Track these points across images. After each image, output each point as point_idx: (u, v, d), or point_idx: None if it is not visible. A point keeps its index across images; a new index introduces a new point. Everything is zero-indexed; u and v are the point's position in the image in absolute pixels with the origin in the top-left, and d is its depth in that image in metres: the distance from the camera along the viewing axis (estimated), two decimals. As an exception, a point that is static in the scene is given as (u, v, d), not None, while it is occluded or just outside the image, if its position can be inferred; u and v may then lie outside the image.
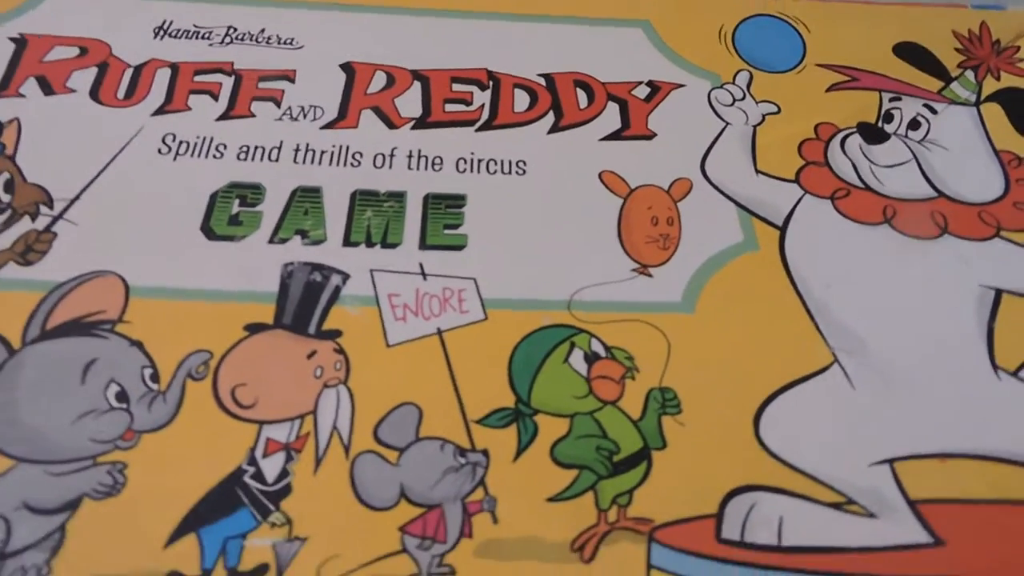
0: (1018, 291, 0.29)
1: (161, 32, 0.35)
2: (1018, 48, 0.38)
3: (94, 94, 0.32)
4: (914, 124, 0.35)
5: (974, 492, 0.24)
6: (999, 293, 0.29)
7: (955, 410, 0.26)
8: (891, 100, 0.36)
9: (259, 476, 0.23)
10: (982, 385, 0.26)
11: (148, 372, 0.25)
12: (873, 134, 0.34)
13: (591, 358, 0.26)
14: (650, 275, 0.29)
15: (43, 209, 0.29)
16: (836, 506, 0.23)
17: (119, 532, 0.22)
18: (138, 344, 0.26)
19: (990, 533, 0.23)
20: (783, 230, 0.31)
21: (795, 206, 0.32)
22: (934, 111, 0.35)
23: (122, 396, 0.24)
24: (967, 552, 0.22)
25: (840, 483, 0.24)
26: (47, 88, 0.32)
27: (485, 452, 0.24)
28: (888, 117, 0.35)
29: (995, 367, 0.27)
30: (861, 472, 0.24)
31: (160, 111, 0.32)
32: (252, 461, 0.23)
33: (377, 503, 0.23)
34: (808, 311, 0.28)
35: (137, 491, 0.23)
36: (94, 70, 0.33)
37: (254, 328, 0.26)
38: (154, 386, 0.25)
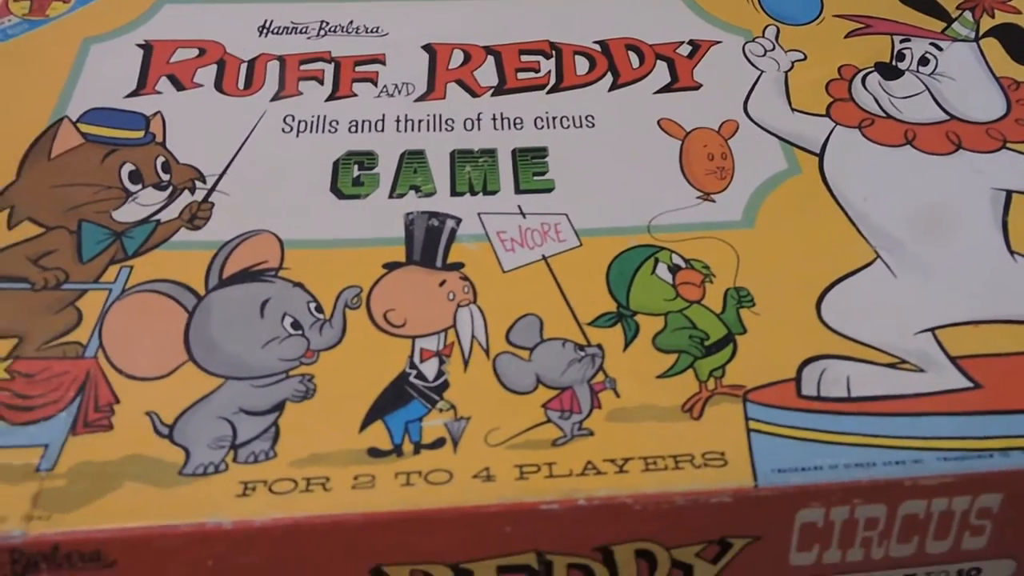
0: (1025, 190, 0.34)
1: (264, 30, 0.40)
2: (1009, -12, 0.43)
3: (218, 86, 0.38)
4: (923, 61, 0.40)
5: (1003, 347, 0.29)
6: (1009, 194, 0.34)
7: (981, 287, 0.31)
8: (902, 42, 0.41)
9: (421, 376, 0.28)
10: (1002, 266, 0.32)
11: (313, 305, 0.30)
12: (889, 71, 0.39)
13: (674, 269, 0.32)
14: (713, 201, 0.34)
15: (198, 184, 0.34)
16: (891, 366, 0.28)
17: (321, 424, 0.27)
18: (300, 284, 0.31)
19: (1019, 376, 0.28)
20: (821, 156, 0.36)
21: (828, 136, 0.37)
22: (940, 48, 0.40)
23: (296, 325, 0.30)
24: (1000, 392, 0.27)
25: (892, 348, 0.29)
26: (178, 85, 0.37)
27: (599, 346, 0.29)
28: (900, 56, 0.40)
29: (1011, 252, 0.32)
30: (908, 339, 0.29)
31: (277, 97, 0.37)
32: (413, 365, 0.29)
33: (520, 389, 0.28)
34: (850, 219, 0.33)
35: (327, 395, 0.28)
36: (214, 67, 0.38)
37: (391, 266, 0.32)
38: (320, 316, 0.30)
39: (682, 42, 0.40)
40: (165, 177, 0.34)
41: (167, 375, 0.28)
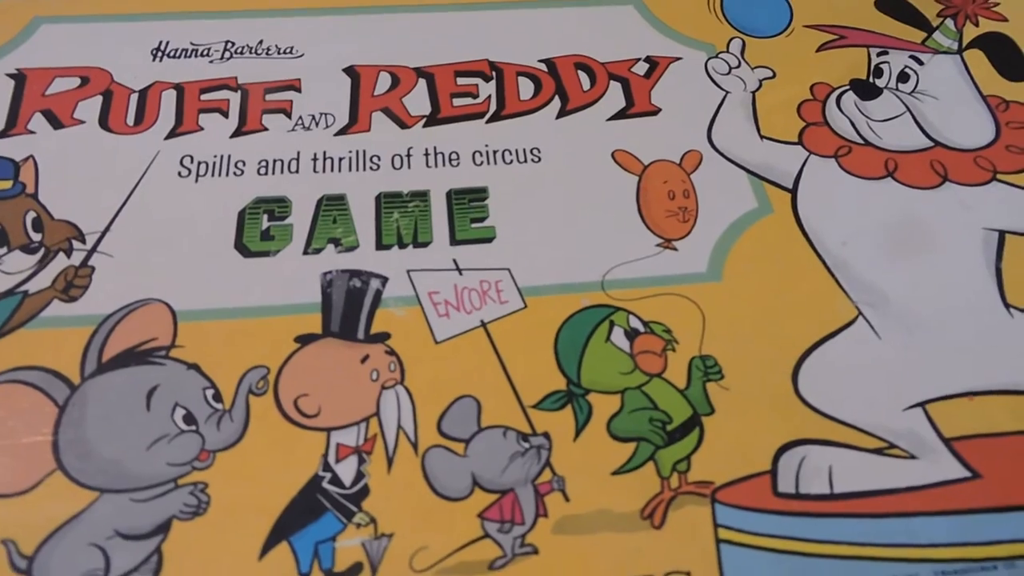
0: (1019, 231, 0.31)
1: (159, 53, 0.35)
2: (992, -8, 0.40)
3: (103, 123, 0.32)
4: (903, 76, 0.36)
5: (1002, 425, 0.25)
6: (1002, 235, 0.31)
7: (975, 349, 0.27)
8: (879, 55, 0.37)
9: (336, 481, 0.24)
10: (997, 323, 0.28)
11: (210, 393, 0.26)
12: (866, 90, 0.36)
13: (631, 334, 0.28)
14: (675, 248, 0.30)
15: (75, 244, 0.29)
16: (879, 451, 0.25)
17: (214, 548, 0.23)
18: (195, 367, 0.26)
19: (1021, 460, 0.25)
20: (794, 192, 0.32)
21: (802, 167, 0.33)
22: (920, 62, 0.37)
23: (189, 418, 0.25)
24: (1003, 482, 0.24)
25: (879, 429, 0.25)
26: (55, 122, 0.32)
27: (546, 434, 0.25)
28: (878, 72, 0.36)
29: (1007, 305, 0.29)
30: (897, 417, 0.26)
31: (173, 134, 0.32)
32: (327, 467, 0.24)
33: (452, 494, 0.24)
34: (828, 268, 0.30)
35: (223, 508, 0.23)
36: (99, 99, 0.33)
37: (305, 339, 0.27)
38: (218, 405, 0.26)
39: (638, 59, 0.36)
40: (36, 237, 0.29)
41: (29, 490, 0.24)
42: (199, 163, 0.31)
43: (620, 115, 0.34)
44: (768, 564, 0.22)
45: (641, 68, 0.36)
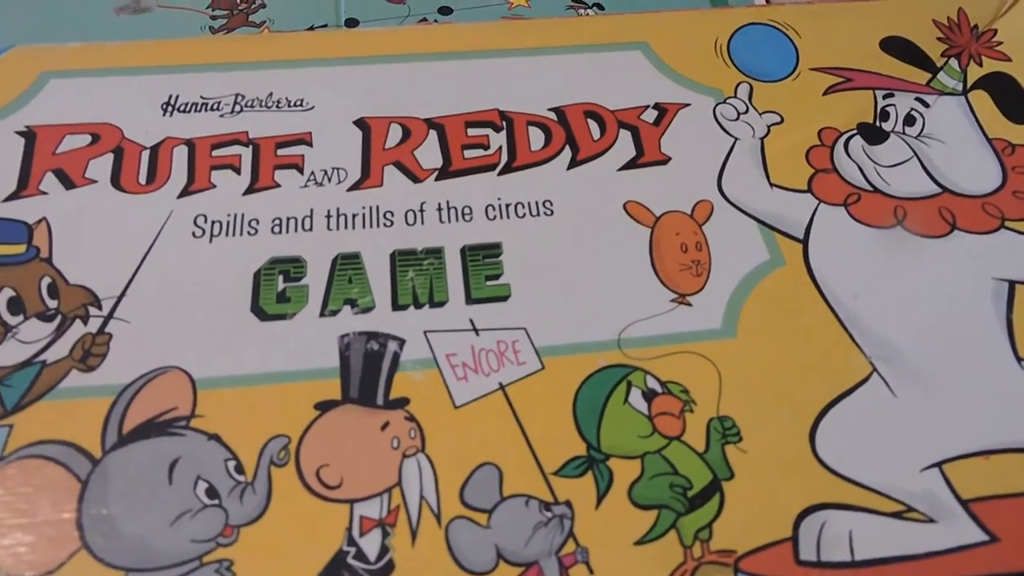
0: (1029, 281, 0.31)
1: (170, 108, 0.34)
2: (995, 31, 0.40)
3: (115, 182, 0.32)
4: (909, 120, 0.36)
5: (1019, 485, 0.26)
6: (1012, 285, 0.31)
7: (989, 406, 0.28)
8: (885, 97, 0.37)
9: (361, 556, 0.24)
10: (1010, 378, 0.28)
11: (232, 464, 0.26)
12: (873, 134, 0.36)
13: (649, 395, 0.28)
14: (689, 304, 0.30)
15: (92, 310, 0.29)
16: (897, 515, 0.25)
17: (242, 630, 0.23)
18: (216, 437, 0.26)
19: (1039, 523, 0.25)
20: (805, 243, 0.32)
21: (812, 216, 0.33)
22: (926, 104, 0.37)
23: (212, 492, 0.25)
24: (1020, 545, 0.24)
25: (897, 491, 0.26)
26: (67, 182, 0.32)
27: (568, 503, 0.25)
28: (884, 115, 0.37)
29: (1019, 359, 0.29)
30: (914, 478, 0.26)
31: (185, 192, 0.32)
32: (351, 542, 0.24)
33: (478, 567, 0.24)
34: (841, 322, 0.30)
35: (249, 587, 0.24)
36: (110, 156, 0.33)
37: (324, 406, 0.27)
38: (240, 478, 0.26)
39: (647, 106, 0.36)
40: (52, 304, 0.29)
41: (54, 570, 0.24)
42: (212, 222, 0.31)
43: (631, 164, 0.34)
44: (793, 636, 0.23)
45: (650, 115, 0.36)
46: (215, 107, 0.35)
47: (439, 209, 0.33)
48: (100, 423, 0.26)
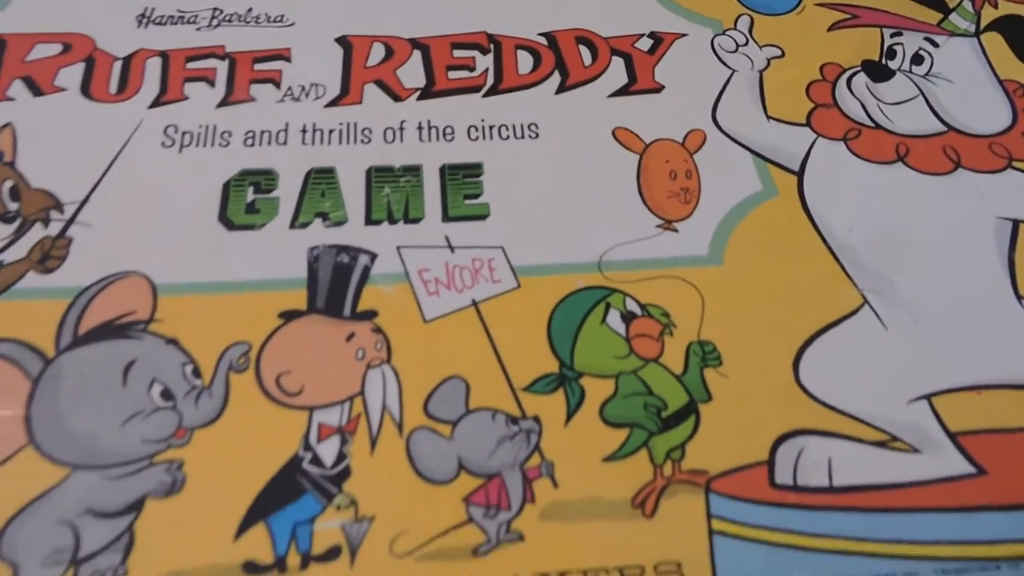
0: (1034, 219, 0.30)
1: (144, 20, 0.33)
2: (1012, -27, 0.38)
3: (85, 90, 0.31)
4: (917, 59, 0.35)
5: (1011, 420, 0.24)
6: (1016, 224, 0.30)
7: (985, 342, 0.26)
8: (892, 36, 0.36)
9: (317, 461, 0.23)
10: (1008, 315, 0.27)
11: (189, 368, 0.25)
12: (878, 71, 0.34)
13: (628, 317, 0.27)
14: (675, 230, 0.29)
15: (53, 214, 0.28)
16: (881, 444, 0.24)
17: (187, 528, 0.22)
18: (174, 342, 0.25)
19: (1030, 456, 0.24)
20: (800, 175, 0.31)
21: (809, 150, 0.32)
22: (936, 44, 0.35)
23: (167, 394, 0.24)
24: (1009, 480, 0.23)
25: (882, 421, 0.24)
26: (35, 89, 0.31)
27: (536, 418, 0.24)
28: (891, 53, 0.35)
29: (1019, 297, 0.28)
30: (901, 409, 0.25)
31: (157, 103, 0.31)
32: (308, 447, 0.23)
33: (437, 477, 0.23)
34: (833, 254, 0.29)
35: (198, 486, 0.23)
36: (81, 66, 0.32)
37: (289, 315, 0.26)
38: (197, 381, 0.25)
39: (642, 35, 0.35)
40: (13, 206, 0.28)
41: (-1, 465, 0.23)
42: (183, 133, 0.30)
43: (622, 92, 0.33)
44: (762, 556, 0.22)
45: (645, 44, 0.35)
46: (192, 20, 0.33)
47: (419, 128, 0.31)
48: (55, 324, 0.25)
